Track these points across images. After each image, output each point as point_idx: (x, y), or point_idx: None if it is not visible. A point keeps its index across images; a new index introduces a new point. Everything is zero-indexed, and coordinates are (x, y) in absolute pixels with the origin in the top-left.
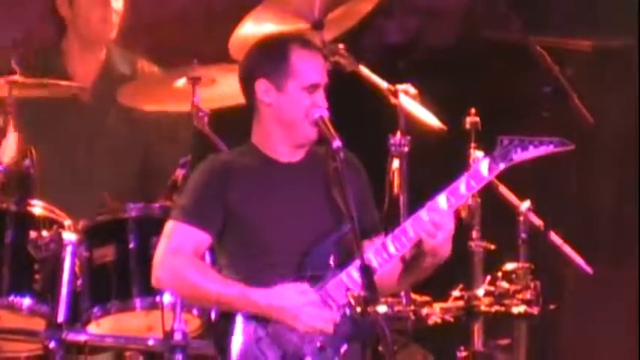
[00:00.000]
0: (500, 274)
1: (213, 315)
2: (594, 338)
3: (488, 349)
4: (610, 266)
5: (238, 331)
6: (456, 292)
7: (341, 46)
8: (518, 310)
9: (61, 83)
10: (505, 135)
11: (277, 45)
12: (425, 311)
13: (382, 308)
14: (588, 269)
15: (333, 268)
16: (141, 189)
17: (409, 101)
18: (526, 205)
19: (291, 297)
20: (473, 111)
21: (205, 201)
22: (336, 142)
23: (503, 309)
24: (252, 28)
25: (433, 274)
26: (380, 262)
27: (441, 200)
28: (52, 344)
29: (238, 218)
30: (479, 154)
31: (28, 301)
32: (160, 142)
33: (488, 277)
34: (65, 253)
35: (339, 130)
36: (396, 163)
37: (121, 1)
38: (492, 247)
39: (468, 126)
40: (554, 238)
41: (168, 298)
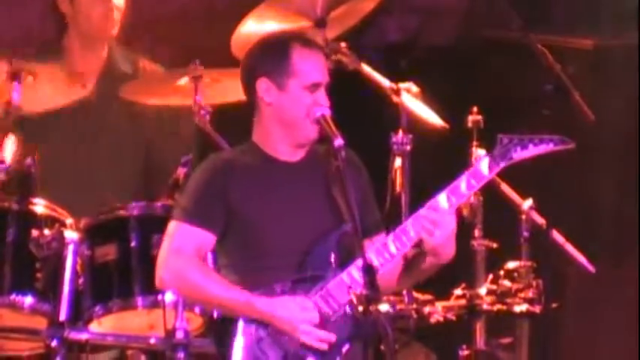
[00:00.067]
0: (502, 273)
1: (215, 314)
2: (596, 336)
3: (490, 347)
4: (612, 265)
5: (239, 331)
6: (458, 291)
7: (343, 45)
8: (520, 308)
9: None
10: (507, 133)
11: (278, 44)
12: (427, 310)
13: (384, 307)
14: (590, 268)
15: (334, 267)
16: (143, 187)
17: (411, 100)
18: (528, 203)
19: (293, 310)
20: (475, 109)
21: (207, 200)
22: (338, 141)
23: (506, 307)
24: (254, 26)
25: (436, 273)
26: (381, 262)
27: (442, 199)
28: (54, 343)
29: (239, 217)
30: (481, 153)
31: (29, 299)
32: (162, 141)
33: (491, 276)
34: (67, 252)
35: (341, 128)
36: (398, 162)
37: None
38: (494, 245)
39: (470, 124)
40: (557, 236)
41: (170, 297)
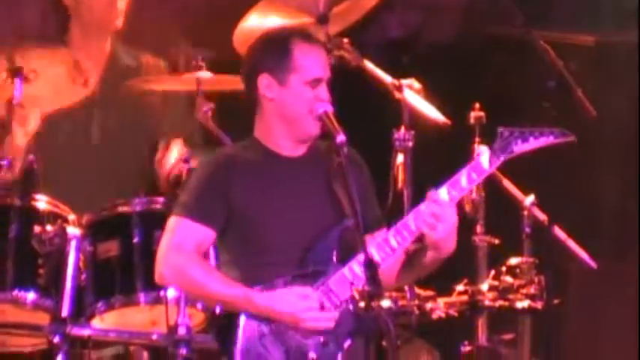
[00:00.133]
0: (504, 269)
1: (218, 310)
2: (598, 332)
3: (492, 343)
4: (614, 261)
5: (241, 327)
6: (460, 287)
7: (345, 41)
8: (522, 304)
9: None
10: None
11: (279, 39)
12: (429, 306)
13: (385, 303)
14: (592, 264)
15: (335, 263)
16: (146, 183)
17: (413, 96)
18: (530, 199)
19: (293, 302)
20: (477, 106)
21: (208, 196)
22: (340, 137)
23: (508, 303)
24: (256, 21)
25: (437, 269)
26: (382, 257)
27: (442, 193)
28: (56, 339)
29: (240, 213)
30: (483, 149)
31: (32, 295)
32: (166, 136)
33: (493, 272)
34: (69, 248)
35: (343, 124)
36: (400, 158)
37: None
38: (496, 241)
39: (472, 121)
40: (558, 232)
41: (172, 293)
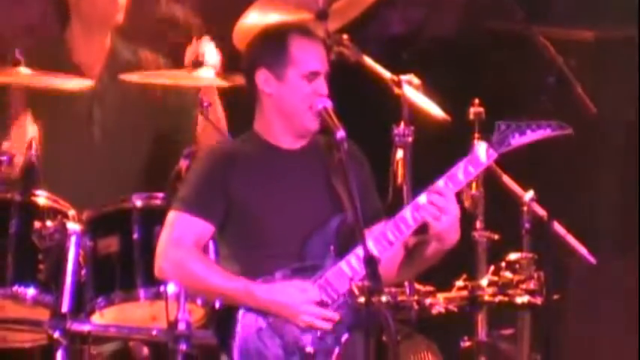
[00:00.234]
0: (503, 264)
1: (217, 305)
2: (597, 328)
3: (491, 339)
4: (613, 256)
5: (239, 322)
6: (459, 282)
7: (345, 37)
8: (521, 300)
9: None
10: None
11: (277, 35)
12: (428, 301)
13: (383, 297)
14: (592, 259)
15: (333, 256)
16: (146, 179)
17: (413, 92)
18: (529, 195)
19: (293, 294)
20: (476, 101)
21: (207, 190)
22: (340, 133)
23: (507, 299)
24: (256, 18)
25: (437, 264)
26: (380, 250)
27: (440, 186)
28: (56, 334)
29: (240, 206)
30: (481, 143)
31: (32, 291)
32: (167, 131)
33: (492, 267)
34: (69, 244)
35: (343, 120)
36: (400, 154)
37: None
38: (496, 237)
39: (472, 116)
40: (558, 228)
41: (172, 289)
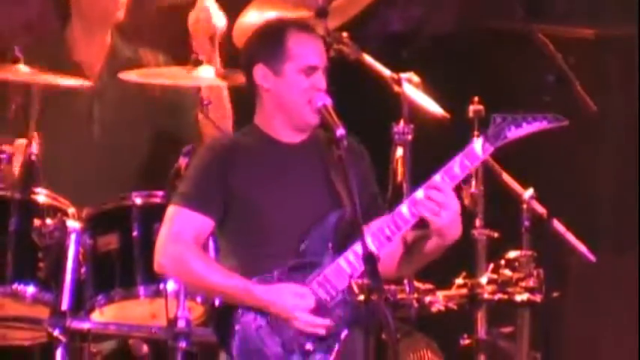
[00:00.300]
0: (503, 262)
1: (217, 302)
2: (597, 325)
3: (491, 336)
4: (612, 254)
5: (238, 320)
6: (459, 280)
7: (345, 35)
8: (521, 297)
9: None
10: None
11: (274, 30)
12: (428, 299)
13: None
14: (591, 257)
15: (331, 252)
16: (146, 176)
17: (412, 89)
18: (529, 193)
19: (288, 298)
20: (476, 99)
21: (206, 185)
22: (340, 131)
23: (507, 297)
24: (255, 16)
25: (436, 262)
26: (377, 246)
27: (437, 180)
28: (56, 332)
29: (239, 200)
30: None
31: (31, 289)
32: (167, 129)
33: (492, 265)
34: (69, 241)
35: (342, 118)
36: (400, 152)
37: None
38: (495, 234)
39: (471, 114)
40: (557, 225)
41: (172, 286)
